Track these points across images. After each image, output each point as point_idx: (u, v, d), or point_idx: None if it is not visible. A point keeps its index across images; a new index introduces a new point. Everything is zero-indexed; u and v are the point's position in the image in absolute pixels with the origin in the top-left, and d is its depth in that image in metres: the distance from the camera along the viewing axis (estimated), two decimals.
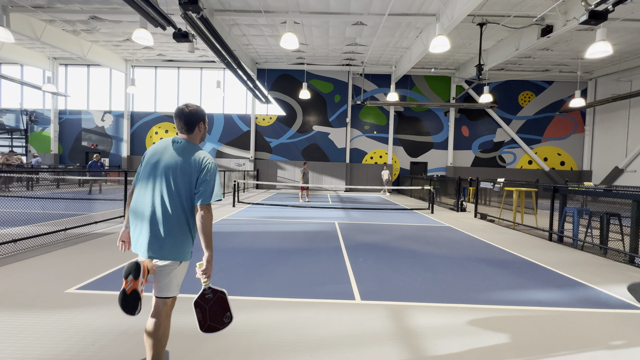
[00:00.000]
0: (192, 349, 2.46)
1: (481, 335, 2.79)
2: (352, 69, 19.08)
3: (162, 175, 1.93)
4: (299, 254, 5.23)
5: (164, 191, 1.92)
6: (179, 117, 2.05)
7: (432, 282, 4.09)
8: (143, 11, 9.00)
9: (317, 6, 11.84)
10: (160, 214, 1.90)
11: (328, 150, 19.58)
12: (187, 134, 2.08)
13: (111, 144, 19.85)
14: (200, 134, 2.14)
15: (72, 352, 2.36)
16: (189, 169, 1.94)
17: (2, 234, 5.20)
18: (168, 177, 1.92)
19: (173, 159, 1.96)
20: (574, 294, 3.82)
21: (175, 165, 1.94)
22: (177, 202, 1.92)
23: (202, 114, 2.12)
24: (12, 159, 13.75)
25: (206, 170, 1.96)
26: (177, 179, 1.92)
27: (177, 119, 2.05)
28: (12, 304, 3.08)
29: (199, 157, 1.98)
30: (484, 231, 7.73)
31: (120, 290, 1.87)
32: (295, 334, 2.73)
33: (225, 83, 19.54)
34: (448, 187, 13.70)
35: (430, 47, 9.37)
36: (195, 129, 2.09)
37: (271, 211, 10.07)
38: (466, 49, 15.54)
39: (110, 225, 6.88)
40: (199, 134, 2.12)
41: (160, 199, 1.91)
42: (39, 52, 18.11)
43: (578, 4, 9.72)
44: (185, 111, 2.04)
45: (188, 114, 2.04)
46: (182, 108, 2.05)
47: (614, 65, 16.93)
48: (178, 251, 1.94)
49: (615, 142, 17.77)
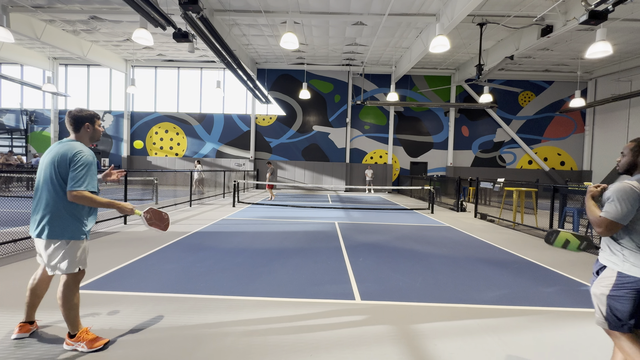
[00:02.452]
0: (191, 349, 2.46)
1: (481, 335, 2.79)
2: (352, 69, 19.08)
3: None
4: (299, 254, 5.22)
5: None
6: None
7: (432, 282, 4.09)
8: (143, 11, 9.00)
9: (317, 6, 11.84)
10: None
11: (328, 150, 19.59)
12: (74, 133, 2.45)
13: (111, 144, 19.85)
14: (89, 134, 2.49)
15: (72, 352, 2.36)
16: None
17: (2, 234, 5.20)
18: None
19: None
20: (574, 294, 3.82)
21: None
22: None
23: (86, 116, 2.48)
24: (11, 159, 13.74)
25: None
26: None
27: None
28: (12, 304, 3.08)
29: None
30: (484, 231, 7.73)
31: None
32: (295, 334, 2.73)
33: (225, 83, 19.54)
34: (448, 187, 13.70)
35: (430, 47, 9.37)
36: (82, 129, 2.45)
37: (271, 211, 10.07)
38: (466, 49, 15.54)
39: (111, 225, 6.88)
40: (86, 134, 2.47)
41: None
42: (39, 52, 18.11)
43: (578, 4, 9.72)
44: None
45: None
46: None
47: (614, 65, 16.93)
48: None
49: (615, 142, 17.77)
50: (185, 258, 4.79)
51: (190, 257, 4.86)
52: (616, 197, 1.88)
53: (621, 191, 1.87)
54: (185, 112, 19.80)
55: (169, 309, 3.10)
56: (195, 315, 2.99)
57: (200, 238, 6.11)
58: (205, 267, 4.37)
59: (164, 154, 19.84)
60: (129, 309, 3.08)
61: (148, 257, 4.76)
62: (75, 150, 2.29)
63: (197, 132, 19.78)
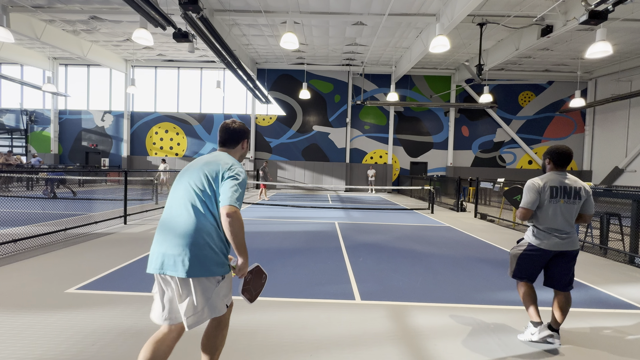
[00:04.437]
0: (191, 349, 2.46)
1: (481, 335, 2.78)
2: (352, 69, 19.08)
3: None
4: (299, 254, 5.22)
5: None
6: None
7: (432, 282, 4.09)
8: (143, 11, 9.00)
9: (317, 6, 11.83)
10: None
11: (328, 150, 19.58)
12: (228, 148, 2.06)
13: (111, 144, 19.85)
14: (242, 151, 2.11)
15: (72, 352, 2.36)
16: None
17: (2, 234, 5.20)
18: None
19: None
20: (574, 294, 3.82)
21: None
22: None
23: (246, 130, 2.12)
24: (11, 159, 13.74)
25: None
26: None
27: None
28: (12, 304, 3.08)
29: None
30: (484, 231, 7.73)
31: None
32: (295, 334, 2.73)
33: (225, 83, 19.54)
34: (448, 187, 13.70)
35: (430, 47, 9.37)
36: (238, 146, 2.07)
37: (271, 211, 10.07)
38: (466, 49, 15.54)
39: (111, 225, 6.88)
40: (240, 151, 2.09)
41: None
42: (39, 52, 18.11)
43: (578, 4, 9.72)
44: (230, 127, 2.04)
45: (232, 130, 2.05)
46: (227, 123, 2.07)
47: (614, 65, 16.93)
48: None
49: (615, 142, 17.77)
50: None
51: None
52: (525, 191, 2.64)
53: (527, 186, 2.63)
54: (185, 112, 19.80)
55: None
56: None
57: None
58: None
59: (164, 154, 19.84)
60: (129, 309, 3.08)
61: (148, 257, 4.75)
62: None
63: (197, 132, 19.78)
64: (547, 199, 2.55)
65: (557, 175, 2.60)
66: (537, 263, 2.63)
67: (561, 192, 2.54)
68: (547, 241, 2.55)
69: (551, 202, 2.54)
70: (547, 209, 2.56)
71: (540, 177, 2.64)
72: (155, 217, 8.26)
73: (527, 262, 2.64)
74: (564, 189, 2.55)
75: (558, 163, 2.63)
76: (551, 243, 2.55)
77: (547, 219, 2.56)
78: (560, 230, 2.55)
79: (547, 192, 2.55)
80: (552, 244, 2.54)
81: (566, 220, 2.55)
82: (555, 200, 2.54)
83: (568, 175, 2.61)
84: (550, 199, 2.55)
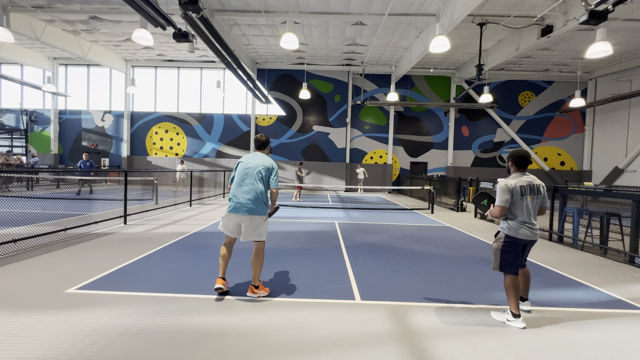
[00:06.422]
0: (191, 349, 2.46)
1: (481, 335, 2.79)
2: (352, 69, 19.08)
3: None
4: (299, 254, 5.23)
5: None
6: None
7: (432, 282, 4.09)
8: (143, 11, 9.00)
9: (317, 6, 11.84)
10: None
11: (328, 150, 19.59)
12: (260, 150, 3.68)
13: (111, 144, 19.85)
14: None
15: (72, 352, 2.36)
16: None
17: (2, 234, 5.20)
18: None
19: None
20: (574, 294, 3.82)
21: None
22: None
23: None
24: (11, 159, 13.74)
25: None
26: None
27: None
28: (12, 304, 3.08)
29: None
30: (484, 231, 7.73)
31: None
32: (295, 334, 2.73)
33: (225, 83, 19.54)
34: (448, 187, 13.69)
35: (430, 47, 9.37)
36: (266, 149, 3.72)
37: None
38: (466, 49, 15.54)
39: (111, 225, 6.88)
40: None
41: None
42: (39, 52, 18.11)
43: (578, 4, 9.72)
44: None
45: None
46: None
47: (614, 65, 16.93)
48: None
49: (615, 142, 17.77)
50: (185, 258, 4.79)
51: (190, 257, 4.86)
52: (499, 192, 3.04)
53: (501, 187, 3.02)
54: (185, 112, 19.80)
55: (169, 309, 3.10)
56: (195, 315, 2.99)
57: (200, 238, 6.11)
58: (205, 267, 4.37)
59: (164, 154, 19.84)
60: (129, 309, 3.08)
61: (148, 257, 4.76)
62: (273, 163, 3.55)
63: (197, 132, 19.78)
64: (518, 197, 2.97)
65: (522, 175, 3.05)
66: (516, 252, 3.02)
67: (528, 190, 2.98)
68: (521, 231, 2.98)
69: (522, 199, 2.97)
70: (519, 205, 2.98)
71: (508, 178, 3.07)
72: (155, 217, 8.26)
73: (510, 254, 3.01)
74: (530, 187, 2.99)
75: (520, 165, 3.07)
76: (523, 234, 2.98)
77: (518, 213, 2.99)
78: (529, 223, 3.00)
79: (518, 191, 2.96)
80: (524, 234, 2.98)
81: (532, 214, 3.01)
82: (524, 197, 2.97)
83: (530, 175, 3.06)
84: (520, 196, 2.97)
